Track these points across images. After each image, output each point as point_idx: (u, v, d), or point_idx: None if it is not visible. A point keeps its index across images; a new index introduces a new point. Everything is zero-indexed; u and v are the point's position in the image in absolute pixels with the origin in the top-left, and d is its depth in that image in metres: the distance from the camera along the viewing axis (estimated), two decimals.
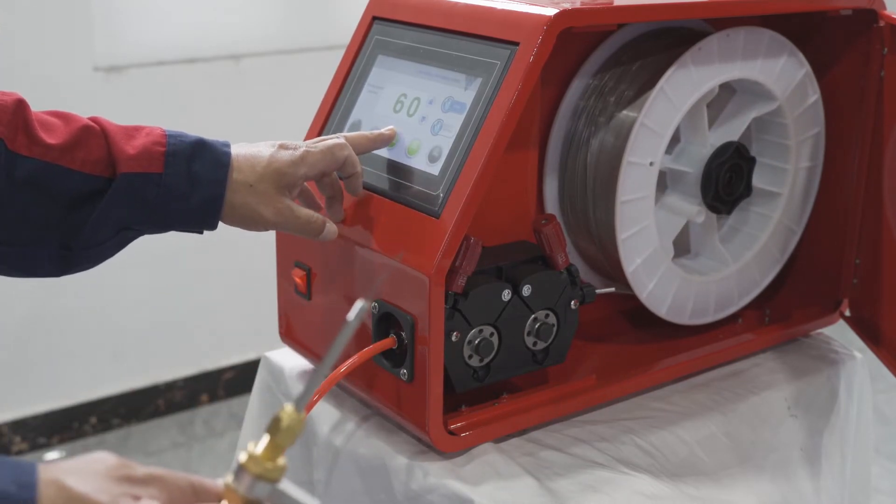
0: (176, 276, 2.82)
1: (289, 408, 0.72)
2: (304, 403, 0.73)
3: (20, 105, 0.99)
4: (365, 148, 1.15)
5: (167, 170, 1.01)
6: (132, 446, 2.80)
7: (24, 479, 0.66)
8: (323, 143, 1.10)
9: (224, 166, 1.04)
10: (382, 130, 1.17)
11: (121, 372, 2.84)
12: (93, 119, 1.03)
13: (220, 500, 0.72)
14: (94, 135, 1.01)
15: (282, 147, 1.08)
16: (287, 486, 0.72)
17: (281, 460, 0.72)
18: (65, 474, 0.68)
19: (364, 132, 1.16)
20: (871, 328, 1.40)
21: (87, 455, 0.71)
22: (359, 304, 0.72)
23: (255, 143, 1.09)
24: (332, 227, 1.11)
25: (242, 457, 0.72)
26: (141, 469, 0.71)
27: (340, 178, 1.14)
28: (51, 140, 0.99)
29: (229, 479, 0.72)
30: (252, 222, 1.07)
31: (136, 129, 1.03)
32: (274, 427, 0.72)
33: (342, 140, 1.11)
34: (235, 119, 2.79)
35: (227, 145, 1.06)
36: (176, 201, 1.02)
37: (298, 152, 1.07)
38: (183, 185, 1.02)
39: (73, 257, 1.03)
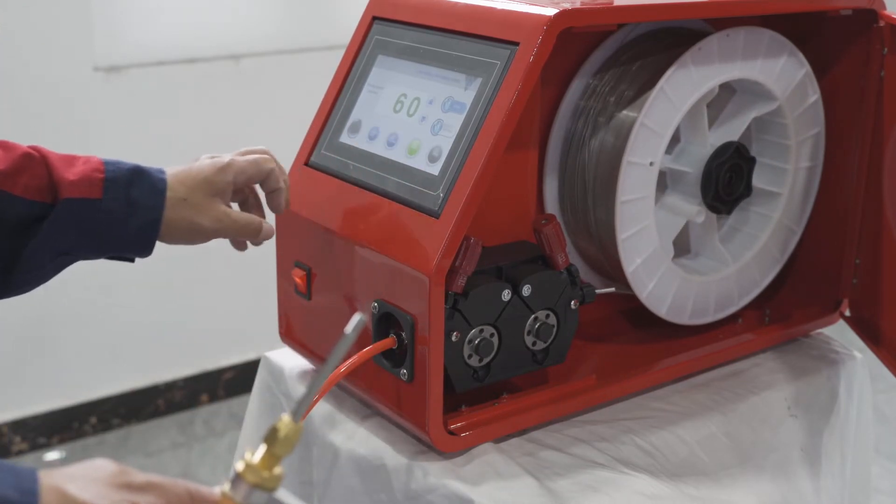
0: (176, 276, 2.82)
1: (286, 418, 0.73)
2: (301, 414, 0.74)
3: None
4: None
5: (106, 195, 1.03)
6: (132, 446, 2.80)
7: (25, 486, 0.67)
8: (250, 154, 1.13)
9: (160, 193, 1.06)
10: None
11: (121, 372, 2.84)
12: (32, 147, 1.05)
13: None
14: (35, 162, 1.03)
15: (208, 158, 1.11)
16: (283, 494, 0.73)
17: (278, 469, 0.73)
18: (65, 481, 0.68)
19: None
20: (871, 328, 1.40)
21: (86, 462, 0.72)
22: (356, 318, 0.72)
23: (186, 164, 1.11)
24: (268, 227, 1.13)
25: (239, 465, 0.72)
26: (140, 476, 0.71)
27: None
28: None
29: (226, 487, 0.72)
30: (192, 234, 1.09)
31: (74, 158, 1.06)
32: (271, 437, 0.73)
33: (268, 156, 1.13)
34: (235, 119, 2.79)
35: (163, 171, 1.08)
36: (114, 226, 1.04)
37: (224, 160, 1.10)
38: (121, 211, 1.04)
39: (11, 281, 1.05)
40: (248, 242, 1.16)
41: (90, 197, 1.03)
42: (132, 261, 1.10)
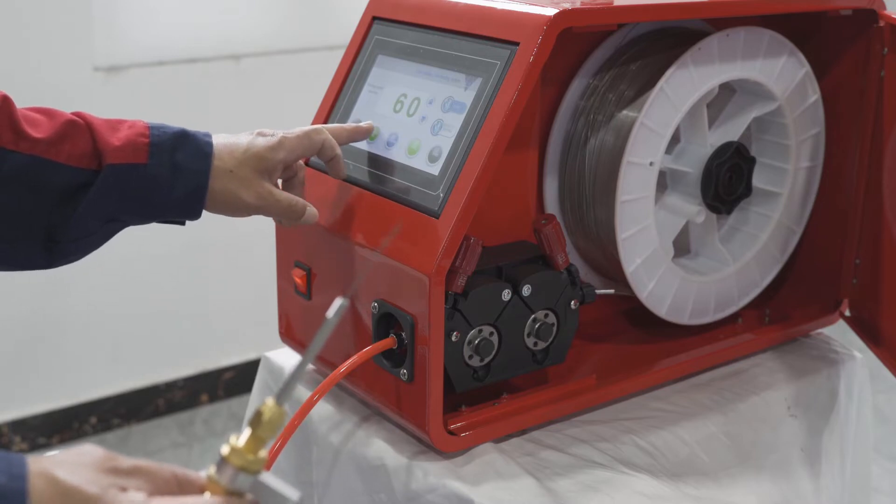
0: (176, 276, 2.82)
1: (270, 402, 0.74)
2: (285, 398, 0.74)
3: (5, 101, 1.00)
4: (343, 139, 1.17)
5: (151, 160, 1.03)
6: (132, 446, 2.80)
7: (14, 471, 0.67)
8: (300, 129, 1.12)
9: (207, 156, 1.05)
10: (360, 123, 1.19)
11: (121, 372, 2.84)
12: (76, 114, 1.04)
13: (203, 492, 0.73)
14: (78, 128, 1.02)
15: (260, 134, 1.10)
16: (267, 477, 0.74)
17: (262, 452, 0.74)
18: (54, 466, 0.68)
19: (343, 125, 1.19)
20: (870, 328, 1.40)
21: (74, 448, 0.72)
22: (338, 302, 0.73)
23: (234, 134, 1.10)
24: (312, 210, 1.13)
25: (225, 449, 0.73)
26: (127, 461, 0.72)
27: (314, 168, 1.12)
28: (37, 134, 1.00)
29: (212, 470, 0.73)
30: (234, 208, 1.08)
31: (119, 122, 1.05)
32: (255, 420, 0.74)
33: (318, 126, 1.13)
34: (235, 119, 2.79)
35: (209, 136, 1.08)
36: (160, 191, 1.04)
37: (276, 138, 1.09)
38: (167, 176, 1.04)
39: (59, 249, 1.04)
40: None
41: (135, 162, 1.02)
42: (183, 224, 1.09)
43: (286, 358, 1.33)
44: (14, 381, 2.70)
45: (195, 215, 1.07)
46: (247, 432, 0.74)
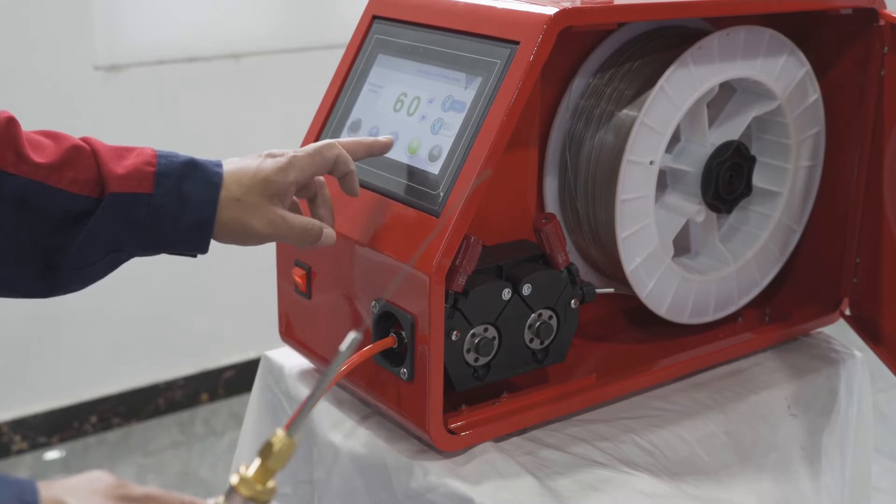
0: (176, 275, 2.82)
1: (280, 433, 0.75)
2: (296, 429, 0.75)
3: (10, 123, 0.97)
4: (360, 154, 1.12)
5: (157, 190, 0.99)
6: (132, 445, 2.80)
7: (26, 498, 0.67)
8: (311, 145, 1.07)
9: (216, 187, 1.01)
10: (379, 137, 1.15)
11: (121, 371, 2.84)
12: (84, 139, 1.01)
13: None
14: (83, 154, 0.99)
15: (268, 156, 1.05)
16: None
17: (271, 483, 0.74)
18: (66, 493, 0.69)
19: (359, 139, 1.14)
20: (871, 327, 1.40)
21: (84, 474, 0.73)
22: (351, 336, 0.73)
23: (243, 157, 1.06)
24: (329, 232, 1.08)
25: (234, 479, 0.74)
26: (137, 489, 0.72)
27: (328, 178, 1.12)
28: (39, 159, 0.97)
29: (221, 500, 0.73)
30: (245, 237, 1.04)
31: (126, 150, 1.01)
32: (265, 451, 0.74)
33: (331, 140, 1.09)
34: (235, 119, 2.79)
35: (219, 165, 1.03)
36: (166, 222, 1.00)
37: (285, 159, 1.04)
38: (173, 206, 0.99)
39: (60, 278, 1.01)
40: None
41: (140, 192, 0.98)
42: (194, 256, 1.04)
43: (286, 357, 1.33)
44: (14, 380, 2.70)
45: (203, 248, 1.02)
46: (256, 462, 0.74)
